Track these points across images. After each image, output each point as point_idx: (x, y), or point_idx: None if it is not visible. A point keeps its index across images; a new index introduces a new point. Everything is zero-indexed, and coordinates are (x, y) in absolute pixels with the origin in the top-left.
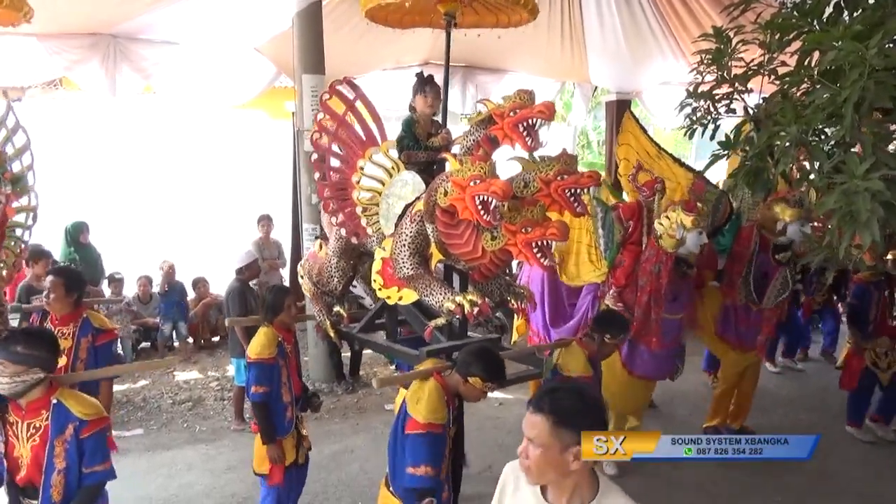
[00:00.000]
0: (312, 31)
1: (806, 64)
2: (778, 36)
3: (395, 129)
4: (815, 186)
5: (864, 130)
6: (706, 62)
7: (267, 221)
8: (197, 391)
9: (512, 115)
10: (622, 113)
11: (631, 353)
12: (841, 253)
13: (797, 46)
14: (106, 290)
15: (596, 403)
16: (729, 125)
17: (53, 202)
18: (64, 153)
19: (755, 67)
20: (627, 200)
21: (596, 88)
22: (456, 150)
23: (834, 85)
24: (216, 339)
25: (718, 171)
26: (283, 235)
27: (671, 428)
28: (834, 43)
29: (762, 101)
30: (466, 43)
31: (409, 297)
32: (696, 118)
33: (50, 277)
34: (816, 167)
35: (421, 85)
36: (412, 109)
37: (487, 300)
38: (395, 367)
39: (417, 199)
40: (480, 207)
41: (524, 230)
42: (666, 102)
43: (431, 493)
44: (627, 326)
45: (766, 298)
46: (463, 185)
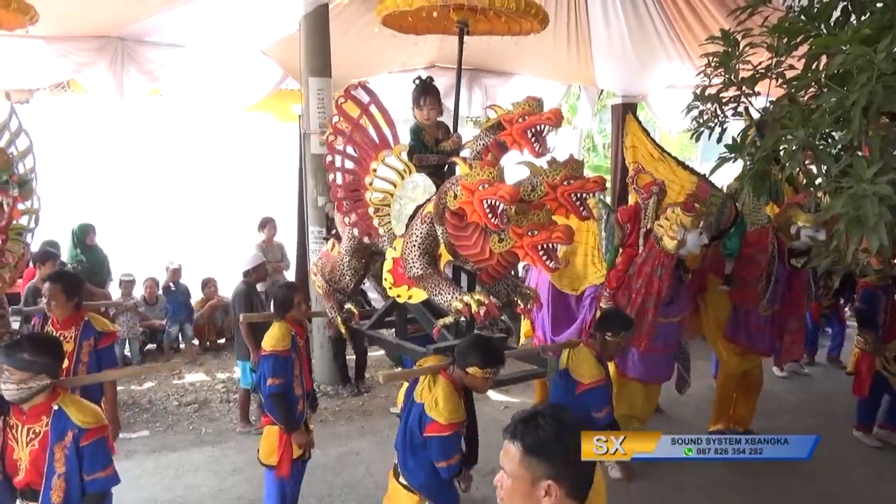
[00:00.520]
0: (319, 33)
1: (813, 68)
2: (785, 40)
3: (402, 131)
4: (822, 190)
5: (871, 134)
6: (713, 65)
7: (271, 224)
8: (203, 393)
9: (521, 121)
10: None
11: (622, 355)
12: (849, 257)
13: (805, 50)
14: (116, 291)
15: (577, 431)
16: (736, 128)
17: (61, 204)
18: (72, 155)
19: (762, 71)
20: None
21: (602, 91)
22: (466, 153)
23: (842, 89)
24: (222, 341)
25: (722, 174)
26: (287, 237)
27: (676, 431)
28: (842, 47)
29: (769, 104)
30: (473, 46)
31: (418, 296)
32: (702, 121)
33: (48, 285)
34: (824, 171)
35: (416, 97)
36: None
37: (494, 300)
38: (400, 369)
39: (428, 201)
40: (488, 210)
41: (530, 233)
42: (672, 106)
43: (460, 471)
44: (628, 324)
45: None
46: (472, 188)
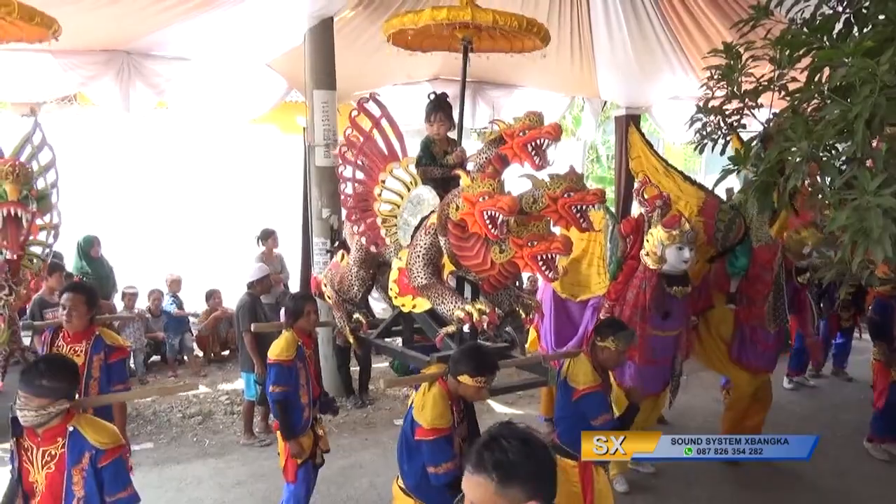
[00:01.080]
0: (324, 46)
1: (816, 80)
2: (788, 52)
3: (409, 143)
4: (826, 202)
5: (874, 146)
6: (716, 77)
7: (273, 237)
8: (207, 405)
9: (521, 135)
10: None
11: (619, 366)
12: (854, 268)
13: (807, 62)
14: (119, 304)
15: (542, 446)
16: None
17: (68, 216)
18: (78, 168)
19: (765, 83)
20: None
21: (605, 103)
22: (470, 166)
23: (845, 101)
24: (226, 352)
25: (728, 185)
26: (289, 249)
27: None
28: (844, 59)
29: (772, 116)
30: (478, 59)
31: (422, 305)
32: (706, 133)
33: (69, 294)
34: (828, 183)
35: (428, 112)
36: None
37: (497, 310)
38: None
39: (432, 212)
40: (488, 222)
41: (530, 244)
42: (675, 117)
43: (459, 482)
44: (618, 331)
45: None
46: (473, 200)
